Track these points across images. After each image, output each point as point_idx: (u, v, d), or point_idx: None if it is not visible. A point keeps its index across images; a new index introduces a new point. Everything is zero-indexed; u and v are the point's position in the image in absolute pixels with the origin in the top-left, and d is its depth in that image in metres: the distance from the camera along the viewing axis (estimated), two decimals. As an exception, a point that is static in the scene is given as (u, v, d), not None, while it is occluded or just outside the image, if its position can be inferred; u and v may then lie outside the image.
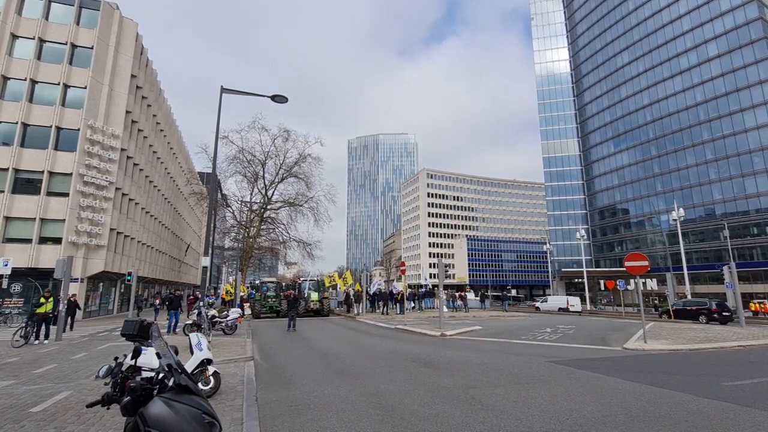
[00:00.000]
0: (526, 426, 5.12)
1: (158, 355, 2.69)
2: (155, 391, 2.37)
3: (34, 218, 25.74)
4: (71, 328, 18.82)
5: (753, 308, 38.16)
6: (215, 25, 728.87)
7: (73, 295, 19.26)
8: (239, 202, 38.42)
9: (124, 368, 2.80)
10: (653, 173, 67.05)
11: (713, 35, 60.12)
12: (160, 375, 2.46)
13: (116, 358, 2.89)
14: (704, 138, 60.07)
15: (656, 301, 51.54)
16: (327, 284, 34.53)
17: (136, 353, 2.61)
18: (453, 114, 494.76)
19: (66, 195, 26.41)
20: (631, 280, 40.56)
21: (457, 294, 39.37)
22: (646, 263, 13.82)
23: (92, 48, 28.73)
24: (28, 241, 25.48)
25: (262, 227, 36.11)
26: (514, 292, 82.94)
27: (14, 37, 27.44)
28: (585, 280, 58.43)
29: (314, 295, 30.18)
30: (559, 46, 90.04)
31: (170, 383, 2.43)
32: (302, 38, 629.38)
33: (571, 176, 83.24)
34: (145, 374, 2.60)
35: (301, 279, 31.76)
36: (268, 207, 36.09)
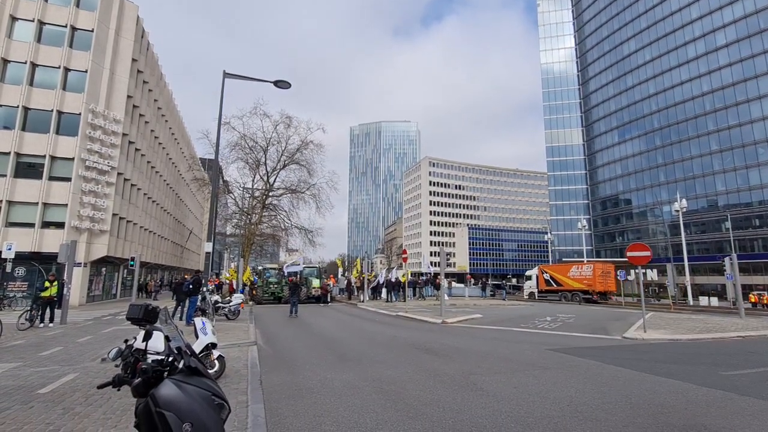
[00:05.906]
0: (526, 411, 5.19)
1: (167, 338, 2.71)
2: (166, 373, 2.41)
3: (37, 203, 25.76)
4: None
5: (752, 300, 38.42)
6: (216, 15, 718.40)
7: None
8: (241, 189, 38.42)
9: (132, 351, 2.83)
10: (657, 164, 66.65)
11: (722, 24, 59.09)
12: (170, 357, 2.49)
13: (126, 341, 2.92)
14: (709, 129, 59.54)
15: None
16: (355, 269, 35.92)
17: (148, 336, 2.64)
18: (454, 99, 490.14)
19: (68, 180, 26.38)
20: (632, 271, 40.74)
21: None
22: (648, 253, 13.83)
23: (92, 31, 28.33)
24: (31, 225, 25.56)
25: (264, 214, 36.13)
26: (514, 281, 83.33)
27: (13, 18, 27.10)
28: (585, 270, 58.58)
29: (316, 282, 30.35)
30: (565, 34, 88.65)
31: (180, 365, 2.46)
32: (301, 23, 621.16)
33: (574, 166, 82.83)
34: (150, 357, 2.62)
35: (287, 264, 31.55)
36: (270, 194, 36.04)
